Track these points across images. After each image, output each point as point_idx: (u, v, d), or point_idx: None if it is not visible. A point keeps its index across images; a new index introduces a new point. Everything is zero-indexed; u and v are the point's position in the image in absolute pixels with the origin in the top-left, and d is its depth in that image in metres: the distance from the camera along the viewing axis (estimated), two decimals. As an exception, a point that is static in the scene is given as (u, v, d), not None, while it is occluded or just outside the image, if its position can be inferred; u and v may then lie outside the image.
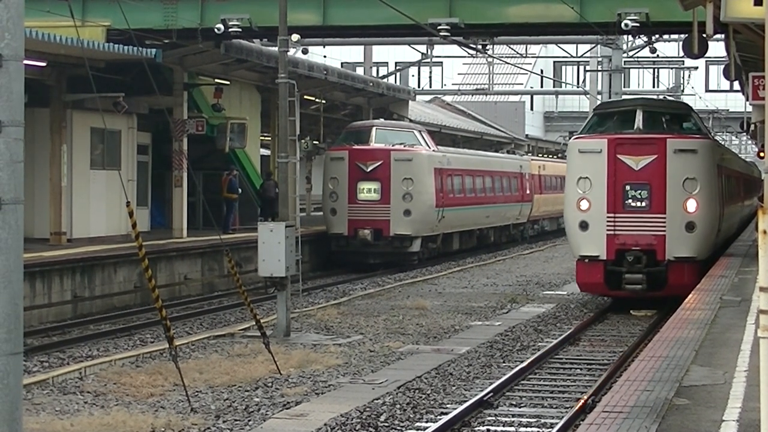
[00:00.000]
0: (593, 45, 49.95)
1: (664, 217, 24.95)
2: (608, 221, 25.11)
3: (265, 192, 36.99)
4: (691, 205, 24.92)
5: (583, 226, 25.29)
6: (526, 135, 73.30)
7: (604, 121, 26.30)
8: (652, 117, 25.93)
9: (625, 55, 47.47)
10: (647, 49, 38.51)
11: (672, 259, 24.89)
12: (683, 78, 63.44)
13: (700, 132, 26.47)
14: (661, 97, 48.16)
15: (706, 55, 28.21)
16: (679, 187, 24.92)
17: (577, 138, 26.67)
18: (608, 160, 25.15)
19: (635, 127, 25.51)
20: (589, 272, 25.37)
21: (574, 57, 59.09)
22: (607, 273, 25.17)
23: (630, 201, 25.11)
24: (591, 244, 25.23)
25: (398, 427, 14.30)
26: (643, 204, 25.06)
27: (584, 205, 25.34)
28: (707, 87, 75.46)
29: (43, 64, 25.99)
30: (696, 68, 61.96)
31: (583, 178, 25.44)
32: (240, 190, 36.31)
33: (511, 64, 54.89)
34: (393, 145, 37.15)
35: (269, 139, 41.13)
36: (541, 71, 74.22)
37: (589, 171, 25.38)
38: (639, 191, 25.06)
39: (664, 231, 24.94)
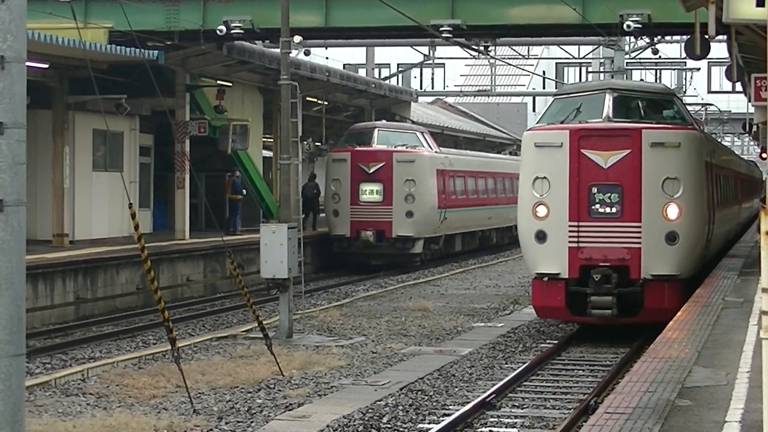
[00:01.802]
0: (595, 46, 49.93)
1: (639, 226, 20.63)
2: (571, 231, 20.75)
3: (306, 192, 38.54)
4: (673, 212, 20.66)
5: (540, 237, 20.90)
6: (529, 136, 73.14)
7: (567, 109, 21.80)
8: (624, 103, 21.67)
9: (627, 56, 47.44)
10: (649, 50, 38.50)
11: (649, 278, 20.56)
12: (685, 79, 63.40)
13: (684, 121, 22.12)
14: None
15: (708, 57, 28.14)
16: (657, 190, 20.69)
17: (532, 129, 22.38)
18: (570, 156, 20.85)
19: (603, 115, 21.19)
20: (548, 294, 20.97)
21: (576, 58, 59.06)
22: (569, 295, 20.80)
23: (597, 206, 20.77)
24: (549, 260, 20.85)
25: (400, 429, 14.30)
26: (614, 210, 20.74)
27: (541, 211, 20.96)
28: (709, 88, 75.41)
29: (46, 65, 26.01)
30: (698, 69, 61.78)
31: (540, 179, 21.04)
32: (244, 191, 36.40)
33: (514, 66, 54.85)
34: (395, 147, 37.18)
35: (271, 140, 41.16)
36: (543, 72, 74.16)
37: (548, 170, 21.03)
38: (608, 194, 20.73)
39: (640, 243, 20.61)
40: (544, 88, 76.54)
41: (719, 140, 51.23)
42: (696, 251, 21.35)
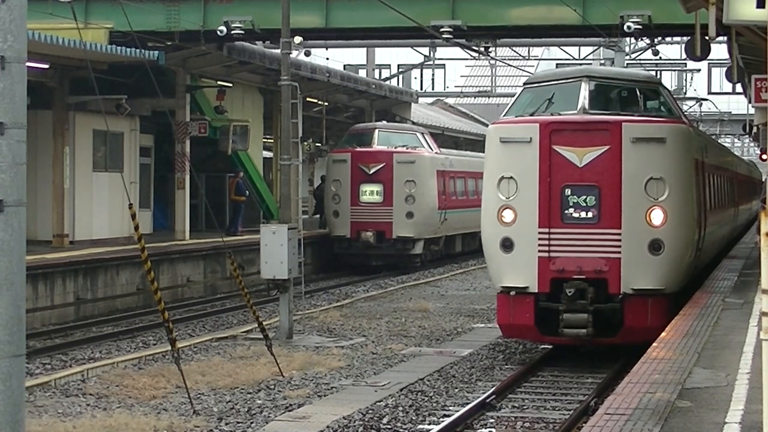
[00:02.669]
0: (596, 47, 49.97)
1: (619, 234, 18.04)
2: (541, 239, 18.20)
3: (321, 192, 39.98)
4: (657, 217, 18.06)
5: (507, 245, 18.40)
6: (529, 137, 73.14)
7: (538, 99, 19.19)
8: (602, 93, 19.17)
9: (627, 57, 47.46)
10: (650, 51, 38.50)
11: (630, 293, 17.95)
12: (686, 80, 63.42)
13: (670, 114, 19.38)
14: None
15: (709, 58, 28.13)
16: (639, 192, 18.10)
17: (498, 123, 19.65)
18: (540, 153, 18.27)
19: (579, 106, 18.58)
20: (515, 310, 18.39)
21: (576, 59, 59.07)
22: (538, 311, 18.23)
23: (571, 211, 18.21)
24: (516, 271, 18.31)
25: (400, 430, 14.31)
26: (590, 215, 18.16)
27: (508, 216, 18.47)
28: (710, 89, 75.47)
29: (46, 66, 26.01)
30: (698, 71, 61.84)
31: (506, 179, 18.54)
32: (247, 193, 36.45)
33: (514, 66, 54.86)
34: (395, 147, 37.21)
35: (272, 141, 41.18)
36: (544, 73, 74.12)
37: (515, 168, 18.49)
38: (583, 197, 18.17)
39: (619, 253, 18.00)
40: (544, 89, 76.47)
41: (716, 138, 50.84)
42: (684, 262, 18.69)
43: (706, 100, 59.87)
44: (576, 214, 18.24)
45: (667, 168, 18.28)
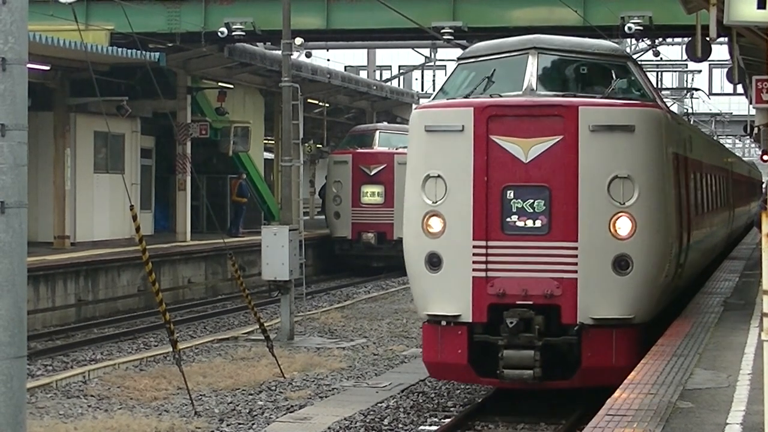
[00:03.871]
0: (597, 48, 49.95)
1: (575, 248, 14.22)
2: (476, 255, 14.37)
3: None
4: (624, 226, 14.26)
5: (434, 263, 14.54)
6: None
7: (474, 79, 15.29)
8: (555, 69, 15.35)
9: (628, 58, 47.39)
10: (651, 52, 38.51)
11: (589, 323, 14.16)
12: (687, 81, 63.42)
13: (642, 96, 15.33)
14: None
15: (710, 59, 28.12)
16: (601, 194, 14.26)
17: (423, 107, 16.08)
18: (476, 145, 14.44)
19: (524, 86, 14.72)
20: (444, 345, 14.64)
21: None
22: (473, 347, 14.44)
23: (514, 219, 14.38)
24: (446, 296, 14.48)
25: (402, 430, 14.31)
26: (538, 224, 14.34)
27: (435, 225, 14.60)
28: (710, 90, 75.48)
29: (47, 67, 26.02)
30: (699, 71, 61.83)
31: (432, 178, 14.67)
32: (248, 194, 36.47)
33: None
34: (396, 149, 37.18)
35: (273, 142, 41.21)
36: (545, 74, 73.97)
37: (443, 165, 14.65)
38: (530, 201, 14.36)
39: (575, 272, 14.21)
40: (545, 90, 76.32)
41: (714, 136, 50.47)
42: (658, 283, 14.83)
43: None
44: (520, 223, 14.45)
45: (637, 164, 14.47)
